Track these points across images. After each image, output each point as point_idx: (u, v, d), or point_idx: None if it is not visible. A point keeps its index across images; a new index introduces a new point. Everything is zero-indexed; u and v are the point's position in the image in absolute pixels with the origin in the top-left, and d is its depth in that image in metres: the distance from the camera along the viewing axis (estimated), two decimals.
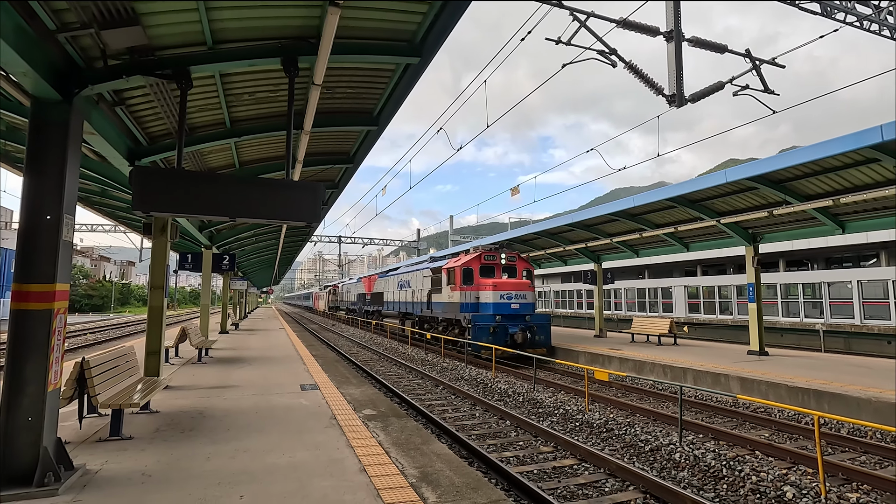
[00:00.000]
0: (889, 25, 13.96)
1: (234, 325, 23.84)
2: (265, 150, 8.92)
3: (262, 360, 11.93)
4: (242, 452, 4.85)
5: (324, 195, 5.46)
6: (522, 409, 9.62)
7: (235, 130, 7.20)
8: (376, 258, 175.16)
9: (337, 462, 4.62)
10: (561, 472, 6.26)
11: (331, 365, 12.14)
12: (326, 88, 6.40)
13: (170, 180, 4.70)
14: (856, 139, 8.97)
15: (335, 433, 5.61)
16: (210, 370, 10.26)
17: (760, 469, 5.82)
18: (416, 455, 5.00)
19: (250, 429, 5.74)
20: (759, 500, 5.28)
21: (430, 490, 4.05)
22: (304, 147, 7.32)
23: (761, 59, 8.49)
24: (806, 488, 5.27)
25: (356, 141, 9.13)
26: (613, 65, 7.71)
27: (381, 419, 6.58)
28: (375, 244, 49.47)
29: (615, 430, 7.77)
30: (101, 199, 10.82)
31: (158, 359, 7.81)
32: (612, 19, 7.64)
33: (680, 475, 6.07)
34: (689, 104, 7.81)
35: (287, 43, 5.12)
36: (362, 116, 7.74)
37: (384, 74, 6.52)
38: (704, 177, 12.67)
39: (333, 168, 10.65)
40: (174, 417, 6.23)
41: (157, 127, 6.78)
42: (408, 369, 15.00)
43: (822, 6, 12.91)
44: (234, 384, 8.62)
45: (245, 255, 23.21)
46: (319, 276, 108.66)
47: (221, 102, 6.38)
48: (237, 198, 4.90)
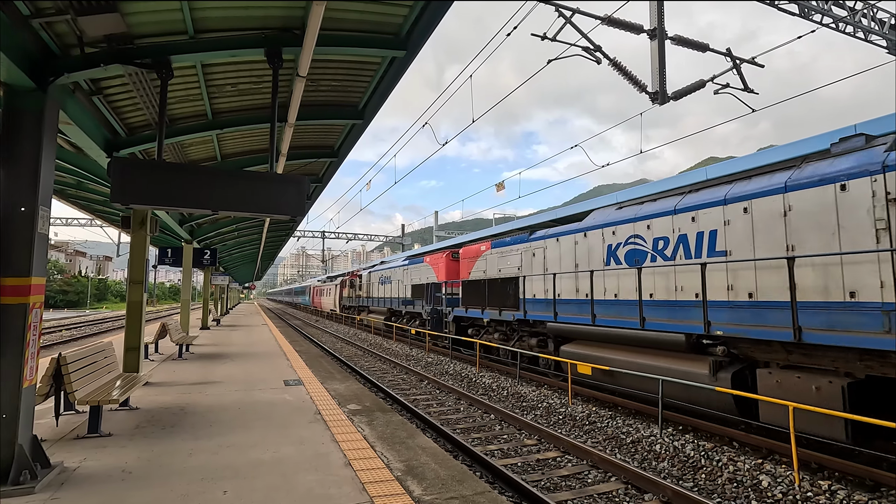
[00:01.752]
0: (863, 27, 14.34)
1: (216, 320, 23.51)
2: (248, 142, 8.79)
3: (245, 356, 11.80)
4: (226, 448, 4.80)
5: (308, 189, 5.40)
6: (506, 402, 9.70)
7: (217, 122, 7.08)
8: (360, 253, 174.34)
9: (322, 456, 4.60)
10: (545, 464, 6.34)
11: (315, 360, 12.06)
12: (311, 81, 6.33)
13: (149, 172, 4.61)
14: (831, 138, 9.19)
15: (320, 428, 5.58)
16: (191, 366, 10.11)
17: (737, 459, 5.98)
18: (402, 449, 5.01)
19: (233, 424, 5.69)
20: (735, 488, 5.42)
21: (416, 483, 4.07)
22: (287, 140, 7.23)
23: (741, 58, 8.65)
24: (780, 477, 5.43)
25: (341, 134, 9.05)
26: (598, 61, 7.77)
27: (366, 414, 6.58)
28: (359, 239, 49.22)
29: (598, 422, 7.88)
30: (76, 191, 10.55)
31: (138, 355, 7.66)
32: (597, 16, 7.70)
33: (660, 466, 6.20)
34: (671, 101, 7.92)
35: (271, 34, 5.05)
36: (347, 110, 7.67)
37: (370, 67, 6.48)
38: (685, 174, 12.87)
39: (318, 162, 10.56)
40: (155, 414, 6.13)
41: (137, 118, 6.63)
42: (392, 364, 14.99)
43: (799, 7, 13.19)
44: (217, 380, 8.52)
45: (227, 249, 22.87)
46: (303, 272, 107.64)
47: (203, 93, 6.27)
48: (219, 190, 4.82)
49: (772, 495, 5.16)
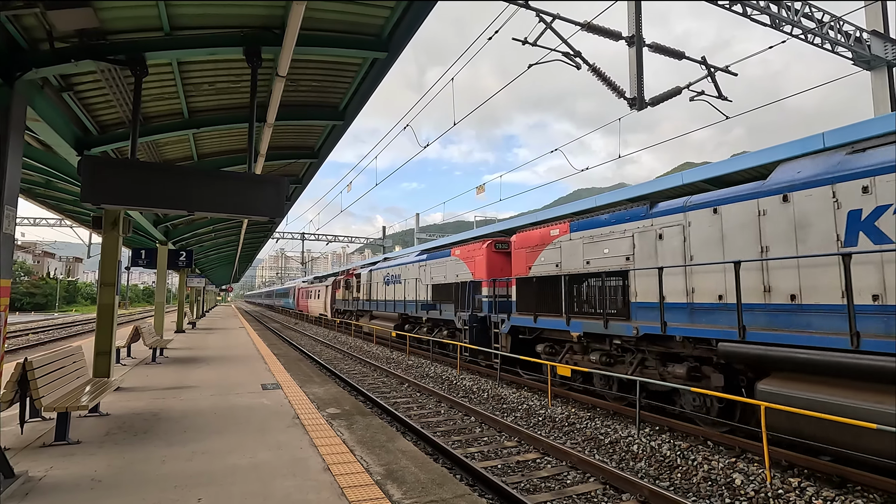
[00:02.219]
0: (830, 39, 14.87)
1: (192, 323, 22.99)
2: (226, 142, 8.65)
3: (222, 360, 11.57)
4: (201, 454, 4.69)
5: (287, 190, 5.33)
6: (487, 405, 9.72)
7: (194, 121, 6.94)
8: (340, 255, 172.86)
9: (300, 461, 4.54)
10: (524, 465, 6.37)
11: (293, 364, 11.90)
12: (291, 81, 6.26)
13: (122, 171, 4.49)
14: (801, 145, 9.49)
15: (298, 432, 5.50)
16: (165, 370, 9.87)
17: (712, 458, 6.10)
18: (382, 453, 4.97)
19: (209, 430, 5.56)
20: (710, 487, 5.53)
21: (396, 487, 4.04)
22: (266, 140, 7.14)
23: (715, 67, 8.88)
24: (753, 475, 5.57)
25: (321, 135, 8.97)
26: (578, 67, 7.88)
27: (345, 418, 6.51)
28: (340, 241, 48.81)
29: (577, 423, 7.96)
30: (45, 190, 10.21)
31: (109, 359, 7.44)
32: (576, 22, 7.81)
33: (638, 465, 6.30)
34: (649, 107, 8.07)
35: (250, 32, 4.98)
36: (328, 110, 7.61)
37: (351, 68, 6.44)
38: (662, 178, 13.12)
39: (297, 163, 10.45)
40: (126, 420, 5.95)
41: (109, 115, 6.46)
42: (373, 367, 14.89)
43: (771, 18, 13.61)
44: (192, 384, 8.33)
45: (203, 251, 22.42)
46: (282, 274, 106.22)
47: (179, 91, 6.14)
48: (196, 191, 4.73)
49: (745, 493, 5.28)
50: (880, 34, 15.19)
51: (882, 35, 15.19)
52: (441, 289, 16.32)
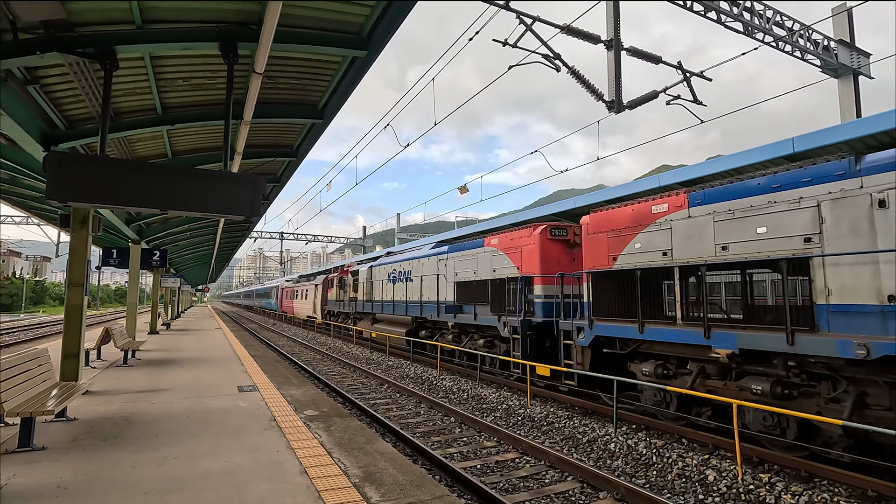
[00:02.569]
0: (800, 47, 15.34)
1: (166, 325, 22.44)
2: (201, 139, 8.46)
3: (197, 362, 11.31)
4: (173, 459, 4.57)
5: (264, 189, 5.23)
6: (467, 405, 9.74)
7: (168, 117, 6.78)
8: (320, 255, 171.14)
9: (276, 465, 4.46)
10: (504, 465, 6.39)
11: (271, 365, 11.71)
12: (268, 78, 6.16)
13: (91, 168, 4.34)
14: (771, 150, 9.77)
15: (275, 435, 5.41)
16: (137, 373, 9.60)
17: (686, 455, 6.23)
18: (360, 454, 4.93)
19: (182, 434, 5.43)
20: (684, 483, 5.64)
21: (374, 489, 4.01)
22: (243, 138, 7.01)
23: (691, 72, 9.06)
24: (725, 471, 5.70)
25: (300, 134, 8.86)
26: (557, 69, 7.95)
27: (323, 419, 6.43)
28: (319, 241, 48.32)
29: (555, 423, 8.03)
30: (9, 187, 9.83)
31: (77, 362, 7.20)
32: (556, 25, 7.88)
33: (615, 464, 6.38)
34: (626, 110, 8.19)
35: (226, 28, 4.88)
36: (306, 108, 7.52)
37: (330, 66, 6.37)
38: (640, 181, 13.35)
39: (275, 161, 10.29)
40: (95, 425, 5.76)
41: (78, 110, 6.25)
42: (352, 368, 14.77)
43: (743, 25, 13.96)
44: (165, 387, 8.12)
45: (178, 250, 21.91)
46: (260, 274, 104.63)
47: (152, 87, 5.99)
48: (169, 189, 4.62)
49: (717, 489, 5.40)
50: (847, 43, 15.74)
51: (848, 44, 15.74)
52: (471, 287, 13.15)
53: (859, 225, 5.61)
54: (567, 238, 11.24)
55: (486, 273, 12.59)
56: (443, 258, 14.95)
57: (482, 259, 12.97)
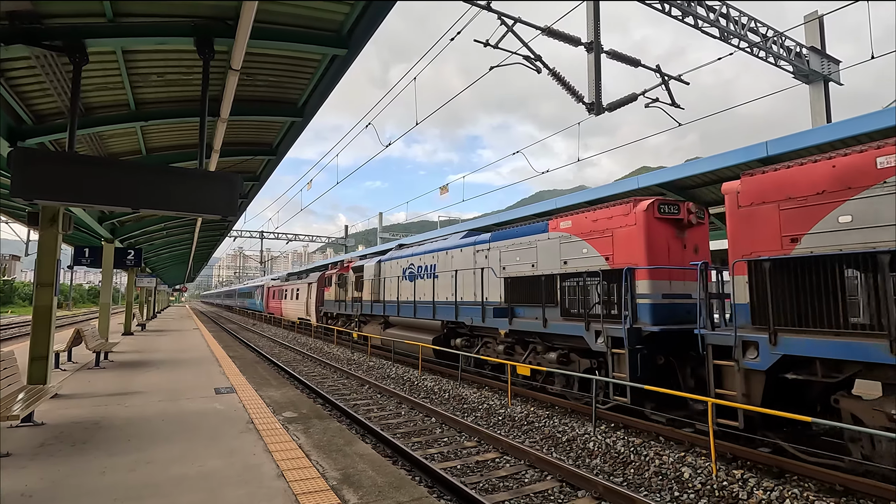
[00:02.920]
0: (773, 54, 15.73)
1: (141, 325, 21.91)
2: (177, 136, 8.29)
3: (173, 363, 11.07)
4: (145, 464, 4.46)
5: (242, 187, 5.14)
6: (448, 405, 9.73)
7: (142, 113, 6.61)
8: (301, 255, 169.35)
9: (252, 468, 4.38)
10: (484, 465, 6.41)
11: (250, 367, 11.53)
12: (246, 75, 6.07)
13: (59, 164, 4.21)
14: (746, 153, 10.00)
15: (252, 438, 5.32)
16: (109, 375, 9.35)
17: (663, 453, 6.32)
18: (339, 457, 4.88)
19: (156, 438, 5.30)
20: (661, 481, 5.73)
21: (352, 492, 3.97)
22: (220, 136, 6.88)
23: (669, 75, 9.21)
24: (700, 468, 5.80)
25: (279, 132, 8.73)
26: (538, 70, 8.00)
27: (302, 421, 6.35)
28: (301, 240, 47.81)
29: (535, 422, 8.08)
30: None
31: (46, 364, 6.98)
32: (537, 26, 7.93)
33: (593, 463, 6.45)
34: (606, 112, 8.28)
35: (201, 22, 4.78)
36: (286, 107, 7.41)
37: (310, 64, 6.29)
38: (620, 182, 13.53)
39: (255, 159, 10.13)
40: (64, 429, 5.59)
41: (46, 104, 6.05)
42: (333, 369, 14.64)
43: (720, 31, 14.25)
44: (138, 390, 7.92)
45: (154, 249, 21.42)
46: (240, 273, 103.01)
47: (125, 82, 5.83)
48: (143, 187, 4.51)
49: (692, 486, 5.50)
50: (818, 50, 16.21)
51: (819, 51, 16.21)
52: (529, 284, 10.15)
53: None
54: (679, 217, 8.46)
55: (553, 265, 9.72)
56: (482, 249, 12.04)
57: (546, 248, 9.93)
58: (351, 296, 20.40)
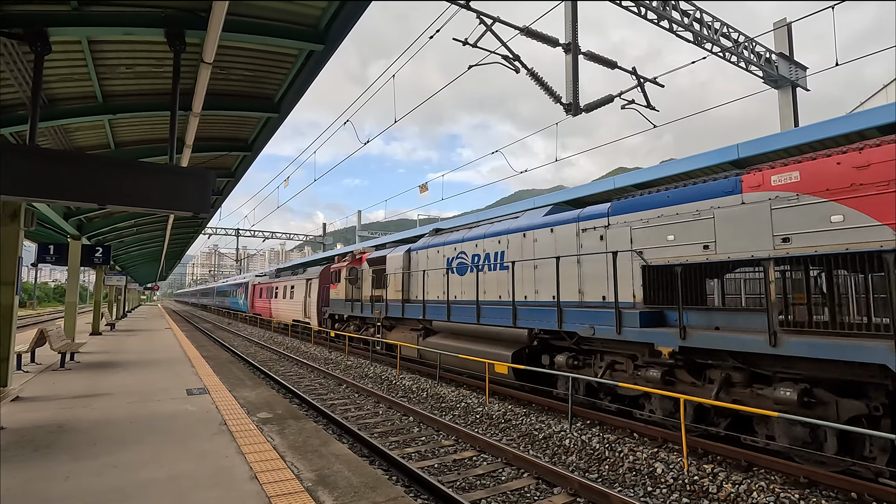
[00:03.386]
0: (744, 59, 16.16)
1: (110, 325, 21.26)
2: (148, 130, 8.05)
3: (143, 364, 10.77)
4: (112, 468, 4.32)
5: (215, 184, 4.99)
6: (426, 404, 9.72)
7: (110, 106, 6.40)
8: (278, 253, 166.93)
9: (225, 471, 4.29)
10: (461, 464, 6.41)
11: (224, 367, 11.29)
12: (220, 68, 5.94)
13: (19, 158, 4.03)
14: (718, 155, 10.25)
15: (224, 440, 5.21)
16: (76, 377, 9.04)
17: (637, 449, 6.44)
18: (314, 458, 4.82)
19: (124, 441, 5.14)
20: (634, 476, 5.83)
21: (327, 493, 3.92)
22: (193, 130, 6.71)
23: (645, 78, 9.37)
24: (672, 463, 5.93)
25: (255, 127, 8.57)
26: (517, 70, 8.03)
27: (277, 422, 6.25)
28: (277, 238, 47.08)
29: (513, 420, 8.13)
30: None
31: (6, 366, 6.71)
32: (516, 26, 7.96)
33: (569, 459, 6.52)
34: (584, 113, 8.37)
35: (172, 13, 4.64)
36: (262, 102, 7.28)
37: (286, 59, 6.18)
38: (597, 182, 13.71)
39: (229, 155, 9.92)
40: (26, 433, 5.37)
41: (6, 95, 5.79)
42: (310, 369, 14.46)
43: (694, 35, 14.57)
44: (106, 392, 7.68)
45: (123, 247, 20.80)
46: (215, 272, 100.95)
47: (91, 73, 5.63)
48: (111, 182, 4.36)
49: (665, 481, 5.61)
50: (786, 56, 16.72)
51: (787, 57, 16.72)
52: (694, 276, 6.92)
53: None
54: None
55: (752, 244, 6.24)
56: (594, 226, 8.47)
57: (738, 218, 6.46)
58: (368, 294, 16.53)
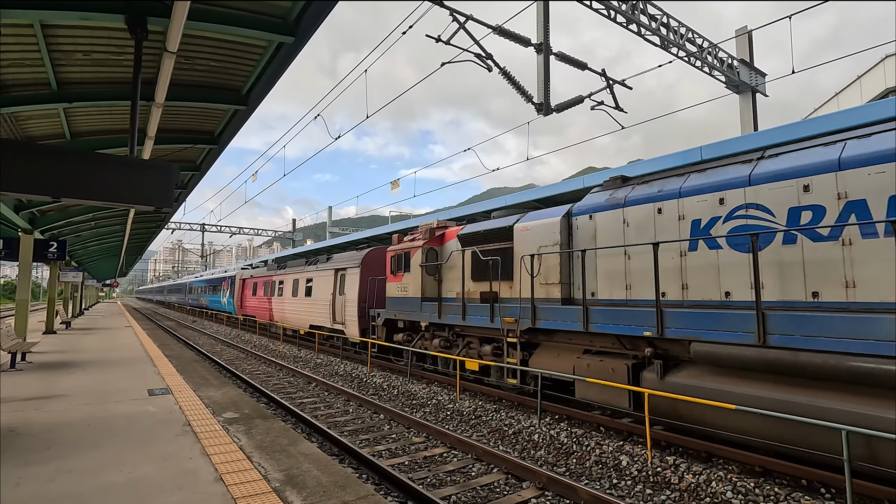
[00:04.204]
0: (708, 63, 16.70)
1: (65, 323, 20.33)
2: (107, 121, 7.71)
3: (101, 364, 10.35)
4: (66, 473, 4.14)
5: (178, 177, 4.83)
6: (397, 402, 9.69)
7: (65, 94, 6.10)
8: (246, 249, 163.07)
9: (188, 473, 4.18)
10: (431, 461, 6.43)
11: (188, 366, 10.97)
12: (184, 58, 5.74)
13: None
14: (683, 156, 10.56)
15: (188, 441, 5.07)
16: (28, 378, 8.61)
17: (603, 442, 6.60)
18: (282, 457, 4.74)
19: (80, 445, 4.93)
20: (601, 469, 5.98)
21: (295, 493, 3.87)
22: (155, 121, 6.46)
23: (614, 80, 9.57)
24: (637, 456, 6.10)
25: (222, 120, 8.33)
26: (489, 69, 8.07)
27: (244, 422, 6.12)
28: (245, 234, 45.95)
29: (483, 416, 8.20)
30: None
31: None
32: (489, 25, 7.99)
33: (538, 454, 6.63)
34: (554, 113, 8.49)
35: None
36: (229, 94, 7.08)
37: (255, 51, 6.03)
38: (567, 181, 13.93)
39: (195, 148, 9.61)
40: None
41: None
42: (278, 367, 14.20)
43: (661, 40, 14.96)
44: (61, 393, 7.35)
45: (81, 241, 19.90)
46: (178, 268, 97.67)
47: (45, 59, 5.35)
48: (66, 174, 4.17)
49: (630, 473, 5.77)
50: (747, 63, 17.37)
51: (748, 64, 17.37)
52: None
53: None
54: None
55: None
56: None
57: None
58: (462, 288, 10.43)
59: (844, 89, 21.09)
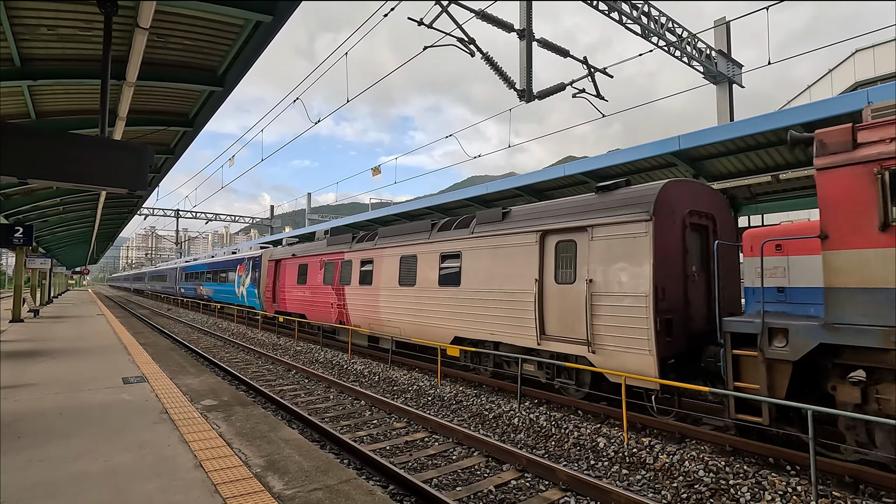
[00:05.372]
0: (687, 54, 16.89)
1: (33, 311, 19.69)
2: (75, 100, 7.41)
3: (72, 352, 10.07)
4: (38, 462, 4.04)
5: (152, 159, 4.68)
6: (378, 388, 9.71)
7: (29, 71, 5.83)
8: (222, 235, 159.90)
9: (166, 460, 4.12)
10: (413, 445, 6.48)
11: (164, 354, 10.76)
12: (158, 35, 5.54)
13: None
14: (661, 146, 10.72)
15: (166, 429, 4.99)
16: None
17: (581, 425, 6.75)
18: (263, 444, 4.71)
19: (52, 434, 4.81)
20: (579, 451, 6.12)
21: (277, 478, 3.86)
22: (127, 101, 6.24)
23: (595, 68, 9.60)
24: (614, 438, 6.27)
25: (197, 101, 8.08)
26: (472, 53, 8.01)
27: (223, 409, 6.05)
28: (222, 220, 45.04)
29: (464, 401, 8.29)
30: None
31: None
32: (472, 9, 7.90)
33: (518, 437, 6.74)
34: (536, 100, 8.49)
35: None
36: (204, 74, 6.86)
37: (231, 30, 5.84)
38: (547, 169, 14.00)
39: (169, 130, 9.32)
40: None
41: None
42: (257, 355, 14.06)
43: (642, 29, 15.05)
44: (30, 382, 7.14)
45: (48, 226, 19.21)
46: (152, 255, 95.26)
47: (7, 33, 5.09)
48: (32, 154, 4.01)
49: (607, 454, 5.93)
50: (724, 54, 17.62)
51: (725, 55, 17.63)
52: None
53: None
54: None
55: None
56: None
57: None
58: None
59: (817, 82, 21.62)
